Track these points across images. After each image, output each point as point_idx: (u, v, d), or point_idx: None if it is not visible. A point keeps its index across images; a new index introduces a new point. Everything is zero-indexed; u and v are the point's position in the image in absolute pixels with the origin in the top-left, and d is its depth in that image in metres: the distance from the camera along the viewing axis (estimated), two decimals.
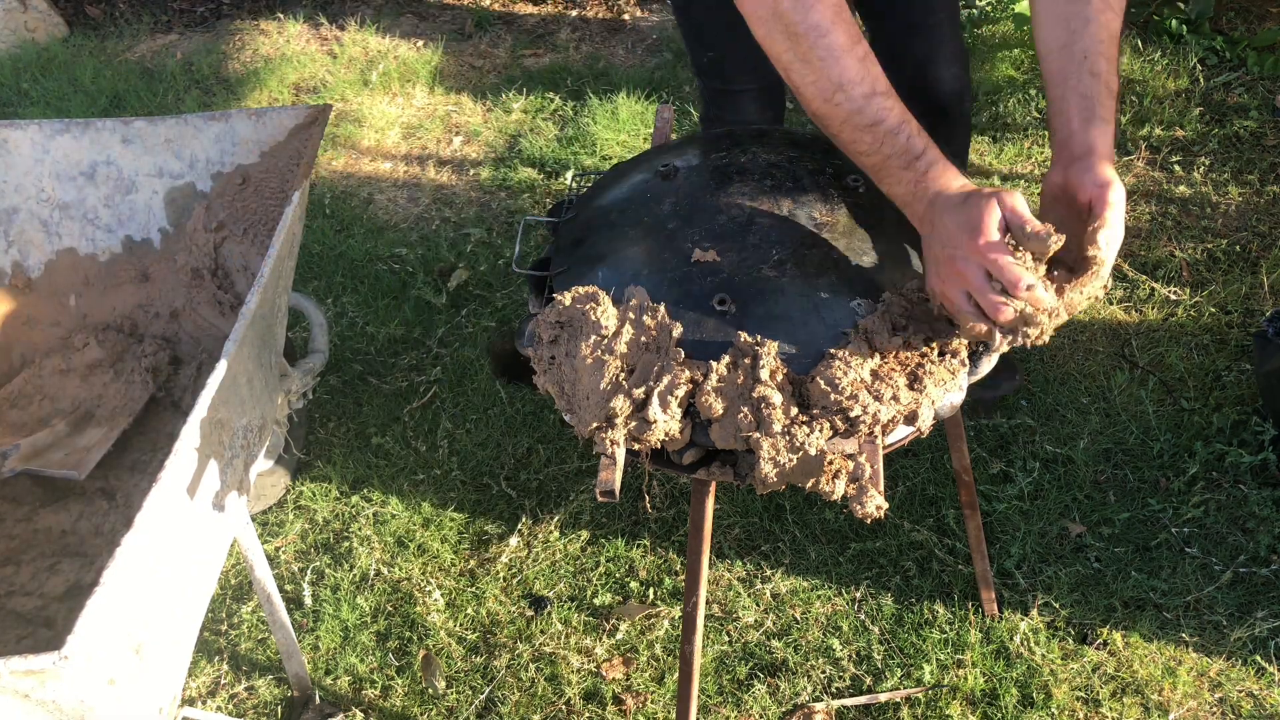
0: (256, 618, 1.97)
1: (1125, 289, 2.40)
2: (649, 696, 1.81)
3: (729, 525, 2.05)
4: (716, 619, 1.92)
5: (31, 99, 3.29)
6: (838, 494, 1.12)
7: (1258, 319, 2.29)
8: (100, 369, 1.82)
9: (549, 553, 2.04)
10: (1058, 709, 1.75)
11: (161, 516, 1.17)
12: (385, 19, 3.60)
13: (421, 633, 1.93)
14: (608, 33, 3.49)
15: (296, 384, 1.73)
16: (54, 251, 1.83)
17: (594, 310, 1.21)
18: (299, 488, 2.18)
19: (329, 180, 2.95)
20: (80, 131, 1.75)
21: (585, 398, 1.19)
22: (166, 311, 1.87)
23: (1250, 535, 1.94)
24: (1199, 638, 1.82)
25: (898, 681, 1.80)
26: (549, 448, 2.22)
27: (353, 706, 1.82)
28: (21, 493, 1.71)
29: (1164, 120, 2.79)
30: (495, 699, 1.83)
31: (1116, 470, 2.07)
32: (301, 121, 1.72)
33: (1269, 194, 2.59)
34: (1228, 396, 2.16)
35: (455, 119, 3.15)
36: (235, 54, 3.47)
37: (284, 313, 1.64)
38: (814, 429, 1.11)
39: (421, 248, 2.69)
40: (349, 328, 2.49)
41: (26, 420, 1.77)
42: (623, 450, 1.15)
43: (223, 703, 1.85)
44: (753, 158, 1.40)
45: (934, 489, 2.07)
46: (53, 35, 3.62)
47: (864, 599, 1.92)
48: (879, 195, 1.37)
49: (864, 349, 1.16)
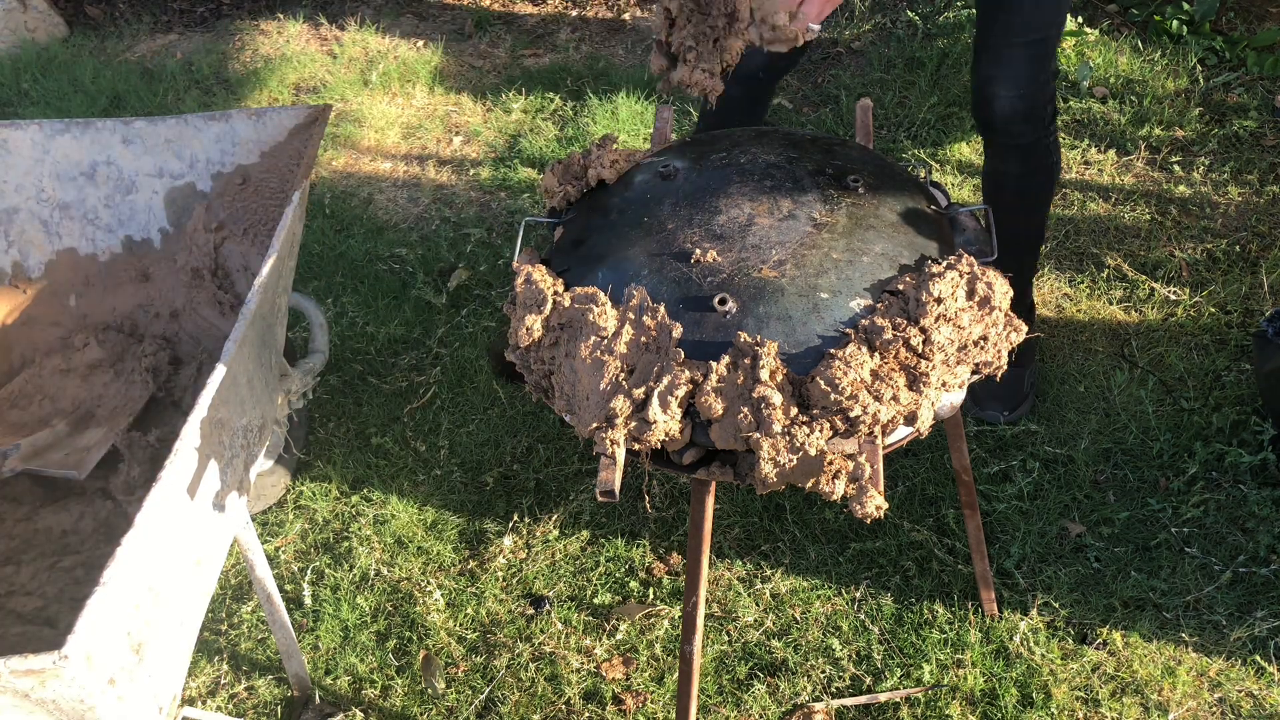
0: (256, 618, 1.97)
1: (1125, 289, 2.40)
2: (649, 696, 1.81)
3: (729, 525, 2.05)
4: (716, 619, 1.92)
5: (31, 99, 3.29)
6: (838, 494, 1.12)
7: (1257, 319, 2.29)
8: (100, 369, 1.82)
9: (549, 552, 2.04)
10: (1057, 709, 1.75)
11: (161, 516, 1.17)
12: (385, 19, 3.60)
13: (421, 633, 1.93)
14: (608, 33, 3.49)
15: (296, 384, 1.73)
16: (54, 251, 1.83)
17: (593, 310, 1.21)
18: (299, 488, 2.18)
19: (329, 180, 2.95)
20: (80, 131, 1.75)
21: (585, 398, 1.19)
22: (166, 311, 1.87)
23: (1250, 535, 1.94)
24: (1199, 637, 1.82)
25: (897, 681, 1.80)
26: (549, 447, 2.22)
27: (353, 706, 1.83)
28: (21, 493, 1.71)
29: (1164, 120, 2.79)
30: (495, 699, 1.83)
31: (1116, 470, 2.07)
32: (301, 121, 1.72)
33: (1269, 194, 2.59)
34: (1228, 396, 2.16)
35: (455, 119, 3.15)
36: (235, 54, 3.47)
37: (284, 313, 1.64)
38: (814, 429, 1.12)
39: (421, 248, 2.69)
40: (349, 328, 2.49)
41: (26, 420, 1.78)
42: (623, 450, 1.16)
43: (223, 703, 1.85)
44: (753, 158, 1.41)
45: (934, 489, 2.07)
46: (53, 35, 3.62)
47: (864, 599, 1.92)
48: (879, 195, 1.37)
49: (864, 349, 1.16)
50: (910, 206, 1.36)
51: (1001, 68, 1.79)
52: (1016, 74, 1.78)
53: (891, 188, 1.38)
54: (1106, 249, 2.50)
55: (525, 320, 1.24)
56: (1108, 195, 2.64)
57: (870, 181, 1.38)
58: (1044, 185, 1.99)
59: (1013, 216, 2.01)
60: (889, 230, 1.31)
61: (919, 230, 1.33)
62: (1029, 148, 1.89)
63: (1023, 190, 1.96)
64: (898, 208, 1.35)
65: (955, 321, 1.19)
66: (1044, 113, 1.85)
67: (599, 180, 1.47)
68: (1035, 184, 1.97)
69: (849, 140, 1.54)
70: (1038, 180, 1.96)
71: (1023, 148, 1.89)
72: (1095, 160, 2.73)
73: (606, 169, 1.45)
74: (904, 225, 1.33)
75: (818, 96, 3.06)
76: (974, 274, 1.21)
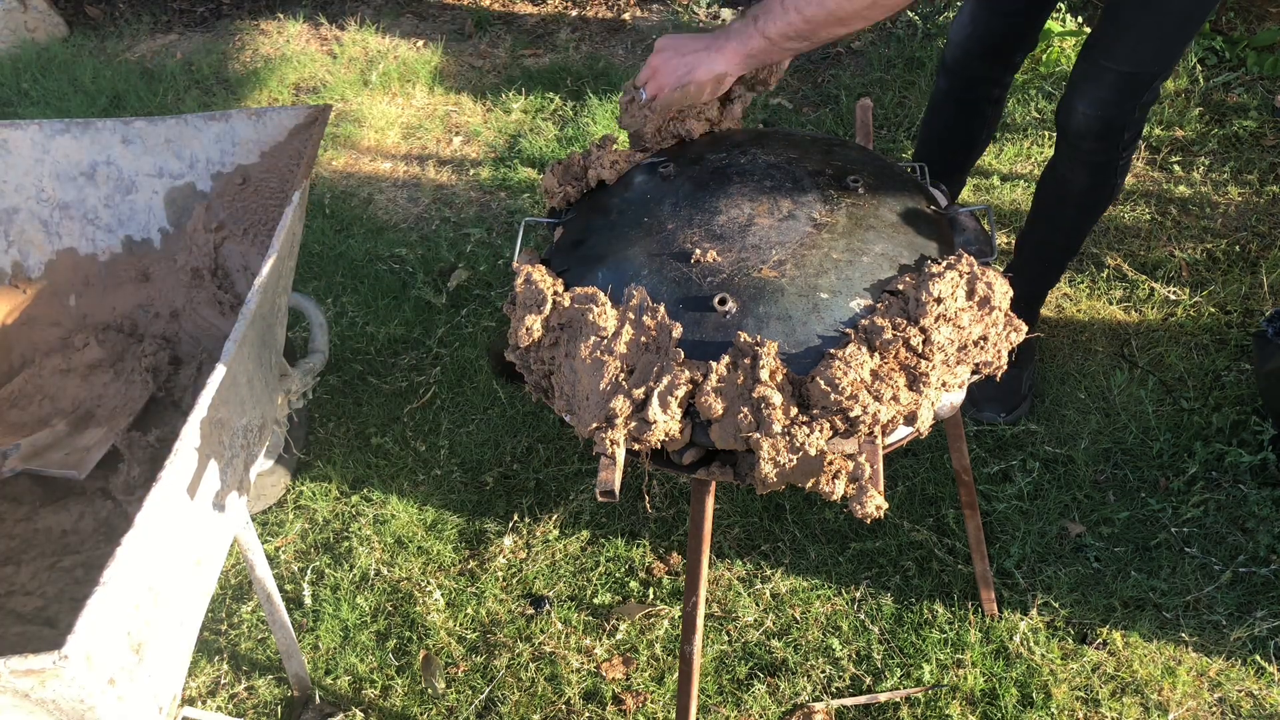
0: (256, 618, 1.97)
1: (1125, 289, 2.40)
2: (649, 696, 1.81)
3: (729, 525, 2.05)
4: (716, 619, 1.92)
5: (31, 99, 3.29)
6: (838, 494, 1.12)
7: (1257, 319, 2.29)
8: (100, 369, 1.82)
9: (549, 552, 2.04)
10: (1057, 709, 1.75)
11: (161, 516, 1.17)
12: (385, 19, 3.60)
13: (421, 633, 1.93)
14: (608, 33, 3.49)
15: (296, 384, 1.73)
16: (54, 251, 1.83)
17: (593, 310, 1.21)
18: (299, 488, 2.18)
19: (329, 180, 2.95)
20: (80, 131, 1.75)
21: (585, 398, 1.19)
22: (166, 311, 1.87)
23: (1250, 535, 1.94)
24: (1199, 637, 1.82)
25: (897, 681, 1.80)
26: (549, 447, 2.22)
27: (353, 706, 1.83)
28: (21, 493, 1.71)
29: (1164, 120, 2.79)
30: (495, 699, 1.83)
31: (1116, 470, 2.07)
32: (301, 121, 1.72)
33: (1269, 194, 2.59)
34: (1227, 396, 2.16)
35: (455, 119, 3.15)
36: (235, 54, 3.47)
37: (284, 313, 1.64)
38: (814, 429, 1.12)
39: (421, 248, 2.69)
40: (349, 328, 2.49)
41: (26, 420, 1.77)
42: (623, 450, 1.16)
43: (223, 703, 1.85)
44: (753, 158, 1.41)
45: (934, 489, 2.07)
46: (53, 35, 3.62)
47: (864, 599, 1.92)
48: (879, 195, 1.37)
49: (864, 349, 1.16)
50: (910, 206, 1.36)
51: (1089, 83, 1.77)
52: (1101, 94, 1.76)
53: (891, 188, 1.38)
54: (1106, 249, 2.50)
55: (525, 320, 1.24)
56: None
57: (870, 181, 1.38)
58: (1099, 203, 1.98)
59: (1059, 223, 2.01)
60: (889, 230, 1.31)
61: (919, 230, 1.33)
62: (1098, 166, 1.88)
63: (1080, 202, 1.96)
64: (898, 208, 1.35)
65: (955, 321, 1.19)
66: (1119, 137, 1.83)
67: (599, 180, 1.47)
68: (1092, 200, 1.96)
69: (849, 140, 1.54)
70: (1095, 196, 1.95)
71: (1090, 164, 1.88)
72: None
73: (606, 169, 1.45)
74: (904, 225, 1.33)
75: (818, 96, 3.06)
76: (974, 274, 1.21)
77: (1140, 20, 1.68)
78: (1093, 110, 1.78)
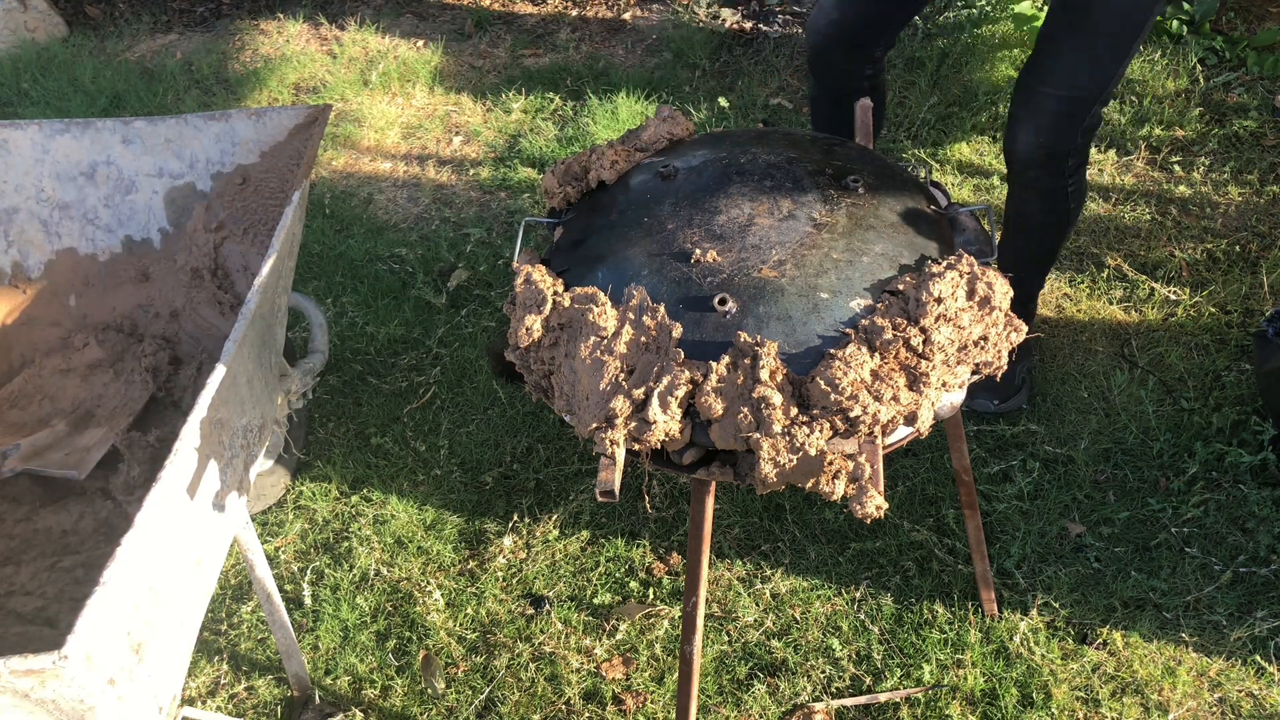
0: (256, 618, 1.97)
1: (1125, 289, 2.40)
2: (649, 696, 1.81)
3: (729, 525, 2.05)
4: (716, 619, 1.92)
5: (31, 99, 3.29)
6: (838, 494, 1.12)
7: (1258, 319, 2.29)
8: (100, 369, 1.82)
9: (549, 552, 2.04)
10: (1057, 709, 1.75)
11: (161, 516, 1.17)
12: (385, 19, 3.60)
13: (421, 633, 1.93)
14: (608, 33, 3.49)
15: (296, 384, 1.73)
16: (54, 251, 1.83)
17: (593, 310, 1.21)
18: (299, 488, 2.18)
19: (329, 180, 2.95)
20: (80, 131, 1.75)
21: (585, 398, 1.19)
22: (166, 311, 1.87)
23: (1250, 535, 1.94)
24: (1199, 638, 1.82)
25: (897, 681, 1.80)
26: (549, 447, 2.22)
27: (352, 706, 1.83)
28: (21, 493, 1.71)
29: (1164, 120, 2.79)
30: (495, 699, 1.83)
31: (1116, 470, 2.07)
32: (301, 121, 1.72)
33: (1269, 194, 2.59)
34: (1228, 396, 2.16)
35: (455, 119, 3.15)
36: (235, 54, 3.47)
37: (284, 313, 1.64)
38: (814, 429, 1.12)
39: (421, 248, 2.69)
40: (349, 328, 2.49)
41: (26, 420, 1.77)
42: (623, 450, 1.16)
43: (223, 703, 1.85)
44: (753, 158, 1.41)
45: (934, 489, 2.07)
46: (53, 35, 3.62)
47: (864, 599, 1.92)
48: (879, 195, 1.37)
49: (864, 349, 1.16)
50: (910, 206, 1.36)
51: (1028, 110, 1.77)
52: (1041, 121, 1.77)
53: (891, 188, 1.38)
54: (1106, 249, 2.50)
55: (525, 320, 1.24)
56: (1108, 195, 2.64)
57: (870, 182, 1.38)
58: (1058, 226, 1.98)
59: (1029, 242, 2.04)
60: (889, 230, 1.31)
61: (919, 230, 1.33)
62: (1047, 192, 1.89)
63: (1039, 229, 1.98)
64: (898, 208, 1.35)
65: (955, 321, 1.19)
66: (1064, 163, 1.83)
67: (599, 181, 1.47)
68: (1050, 223, 1.97)
69: (849, 140, 1.54)
70: (1052, 220, 1.96)
71: (1040, 191, 1.89)
72: (1095, 160, 2.73)
73: (606, 169, 1.45)
74: (904, 225, 1.33)
75: None
76: (974, 274, 1.21)
77: (1071, 43, 1.69)
78: (1034, 138, 1.79)
